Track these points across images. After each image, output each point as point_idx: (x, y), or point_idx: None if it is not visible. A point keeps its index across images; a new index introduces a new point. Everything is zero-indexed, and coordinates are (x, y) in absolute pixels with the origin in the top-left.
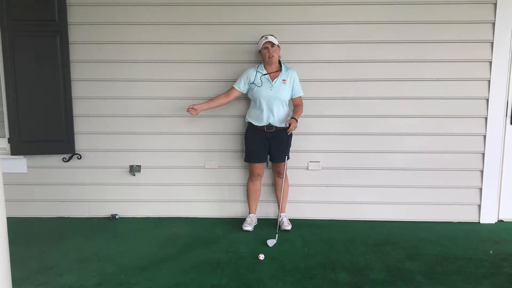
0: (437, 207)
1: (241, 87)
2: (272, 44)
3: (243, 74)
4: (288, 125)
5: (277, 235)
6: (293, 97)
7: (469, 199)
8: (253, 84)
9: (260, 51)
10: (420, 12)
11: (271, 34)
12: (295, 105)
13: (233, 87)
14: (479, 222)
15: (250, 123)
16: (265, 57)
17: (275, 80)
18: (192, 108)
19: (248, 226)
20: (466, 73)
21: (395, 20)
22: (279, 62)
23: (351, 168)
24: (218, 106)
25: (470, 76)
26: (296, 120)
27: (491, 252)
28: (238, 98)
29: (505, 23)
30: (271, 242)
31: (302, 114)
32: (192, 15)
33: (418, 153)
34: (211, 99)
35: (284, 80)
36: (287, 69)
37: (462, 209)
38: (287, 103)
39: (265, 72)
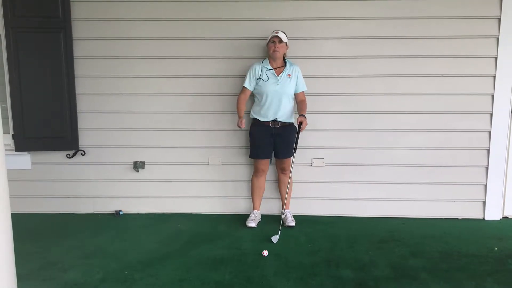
0: (441, 203)
1: (251, 84)
2: (280, 40)
3: (249, 70)
4: (299, 123)
5: (280, 231)
6: (297, 91)
7: (474, 195)
8: (259, 79)
9: (267, 44)
10: (425, 8)
11: (283, 31)
12: (299, 101)
13: (244, 86)
14: (483, 219)
15: (255, 119)
16: (270, 50)
17: (280, 74)
18: (241, 125)
19: (251, 223)
20: (471, 69)
21: (399, 16)
22: (284, 59)
23: (355, 164)
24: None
25: (475, 72)
26: (305, 117)
27: (496, 249)
28: None
29: (511, 18)
30: (274, 239)
31: (306, 110)
32: (197, 11)
33: (423, 150)
34: (238, 108)
35: (289, 75)
36: (291, 64)
37: (467, 206)
38: (293, 98)
39: (270, 67)
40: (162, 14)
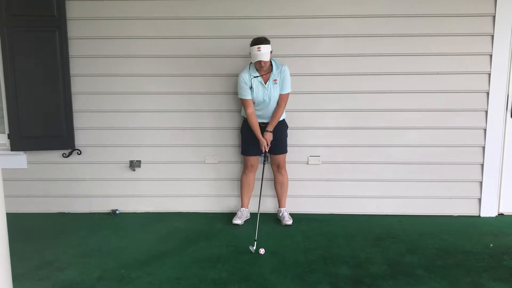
0: (437, 201)
1: (248, 93)
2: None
3: (240, 82)
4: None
5: (255, 241)
6: (280, 93)
7: (470, 192)
8: (251, 88)
9: (251, 53)
10: (420, 5)
11: (264, 37)
12: (277, 104)
13: (245, 99)
14: (479, 216)
15: (246, 118)
16: (256, 65)
17: (267, 82)
18: (266, 148)
19: (237, 220)
20: (466, 67)
21: (395, 14)
22: (270, 61)
23: (351, 162)
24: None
25: (470, 70)
26: (271, 133)
27: (491, 245)
28: (236, 95)
29: (505, 16)
30: (252, 249)
31: (302, 108)
32: (191, 9)
33: (418, 147)
34: (254, 126)
35: (275, 80)
36: (277, 66)
37: (463, 203)
38: None
39: (257, 74)
40: (157, 13)
